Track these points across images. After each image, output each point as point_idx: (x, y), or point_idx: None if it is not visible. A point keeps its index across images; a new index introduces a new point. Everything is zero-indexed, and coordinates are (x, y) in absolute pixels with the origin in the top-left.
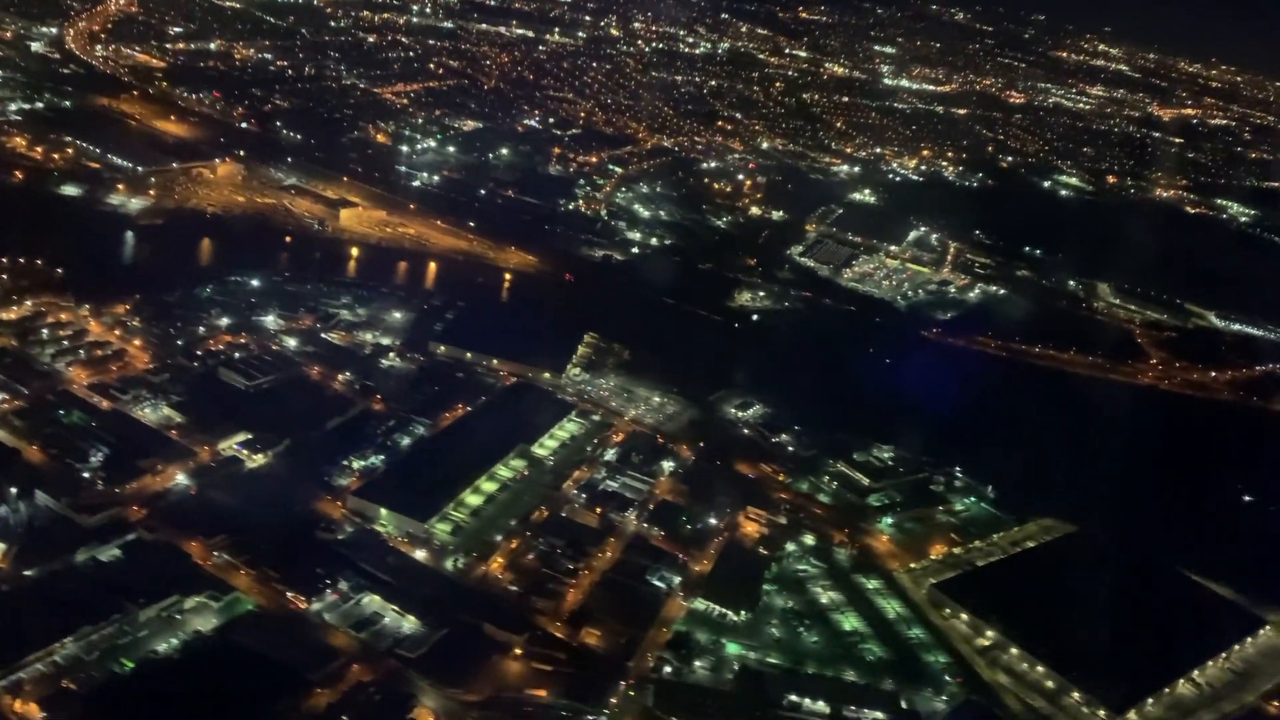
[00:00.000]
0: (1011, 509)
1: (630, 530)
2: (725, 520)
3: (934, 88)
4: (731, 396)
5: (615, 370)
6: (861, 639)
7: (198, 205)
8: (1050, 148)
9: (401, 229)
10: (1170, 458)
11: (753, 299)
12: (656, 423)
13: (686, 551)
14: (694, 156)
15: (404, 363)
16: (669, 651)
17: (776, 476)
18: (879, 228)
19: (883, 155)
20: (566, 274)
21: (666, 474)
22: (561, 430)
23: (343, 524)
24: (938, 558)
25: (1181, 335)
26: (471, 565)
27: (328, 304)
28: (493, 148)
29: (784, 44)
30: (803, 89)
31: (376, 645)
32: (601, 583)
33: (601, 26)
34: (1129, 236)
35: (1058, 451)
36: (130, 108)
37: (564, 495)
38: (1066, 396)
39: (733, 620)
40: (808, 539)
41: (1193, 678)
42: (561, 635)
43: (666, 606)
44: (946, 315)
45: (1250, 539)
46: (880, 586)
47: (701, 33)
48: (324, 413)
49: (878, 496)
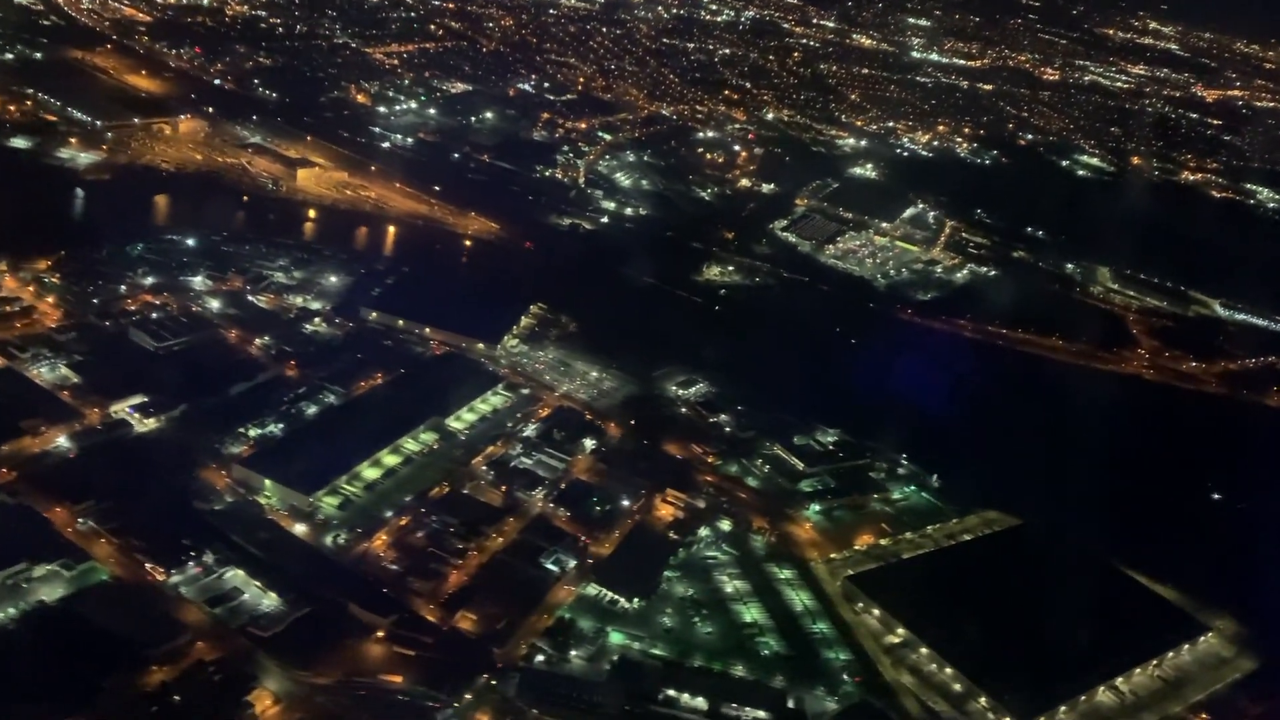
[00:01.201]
0: (954, 500)
1: (535, 510)
2: (639, 502)
3: (964, 62)
4: (676, 374)
5: (557, 343)
6: (760, 631)
7: (151, 162)
8: (1076, 126)
9: (362, 191)
10: (1139, 451)
11: (721, 274)
12: (590, 398)
13: (590, 534)
14: (692, 125)
15: (330, 328)
16: (545, 639)
17: (706, 458)
18: (874, 204)
19: (894, 129)
20: (527, 242)
21: (586, 452)
22: (484, 403)
23: (223, 494)
24: (862, 548)
25: (1179, 324)
26: (353, 542)
27: (263, 265)
28: (477, 111)
29: (813, 14)
30: (822, 60)
31: (229, 622)
32: (490, 564)
33: None
34: (1142, 220)
35: (1016, 441)
36: (104, 61)
37: (471, 471)
38: (1038, 384)
39: (624, 608)
40: (724, 524)
41: (1115, 685)
42: (434, 618)
43: (555, 591)
44: (926, 296)
45: (1210, 539)
46: (792, 577)
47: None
48: (232, 377)
49: (810, 482)
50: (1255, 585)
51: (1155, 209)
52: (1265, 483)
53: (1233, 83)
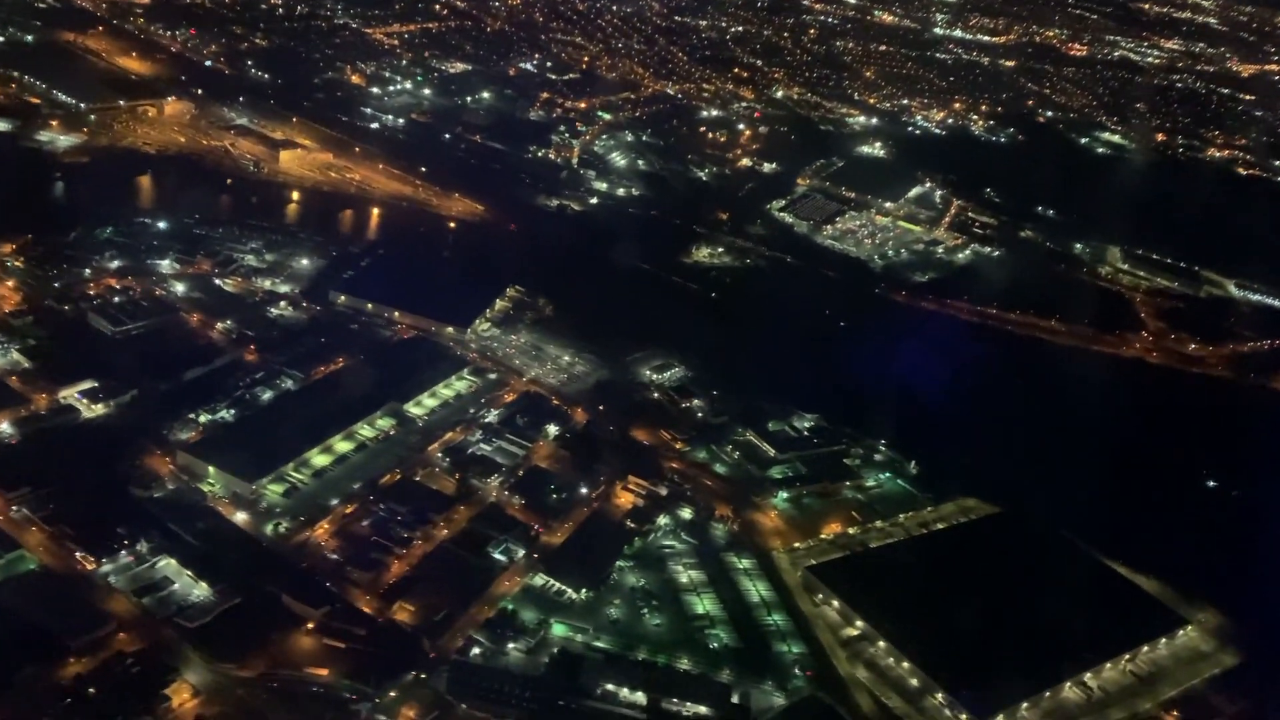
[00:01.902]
0: (933, 487)
1: (489, 498)
2: (598, 490)
3: (989, 38)
4: (651, 358)
5: (531, 326)
6: (711, 624)
7: (132, 144)
8: (1099, 103)
9: (346, 173)
10: (1133, 438)
11: (710, 255)
12: (559, 384)
13: (544, 522)
14: (697, 104)
15: (296, 312)
16: (483, 631)
17: (674, 444)
18: (879, 183)
19: (908, 107)
20: (511, 224)
21: (549, 439)
22: (447, 388)
23: (166, 481)
24: (828, 537)
25: (1189, 305)
26: (294, 531)
27: (234, 248)
28: (474, 91)
29: None
30: (839, 36)
31: (156, 612)
32: (434, 554)
33: None
34: (1161, 198)
35: (1003, 427)
36: (96, 44)
37: (426, 458)
38: (1032, 368)
39: (571, 598)
40: (684, 512)
41: (1084, 681)
42: (370, 610)
43: (500, 582)
44: (925, 277)
45: (1200, 528)
46: (751, 567)
47: None
48: (187, 362)
49: (781, 469)
50: (1242, 576)
51: (1175, 187)
52: (1263, 469)
53: (1270, 57)
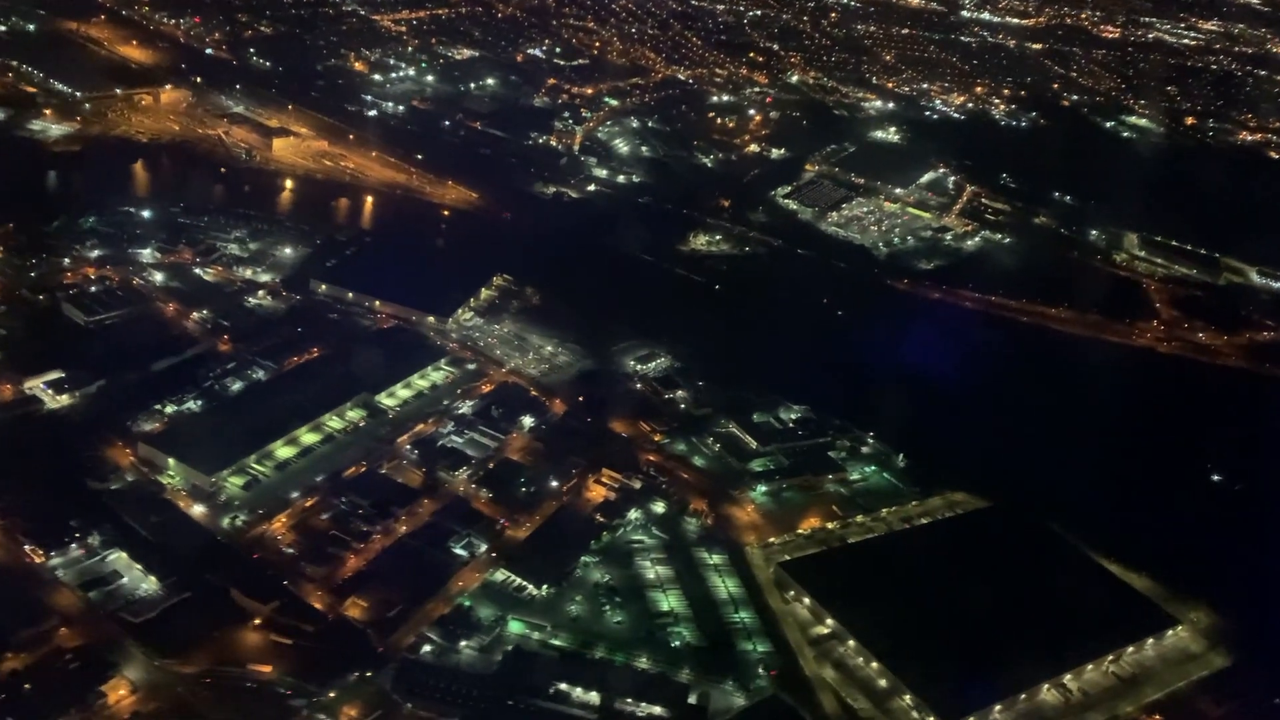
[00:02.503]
0: (921, 481)
1: (455, 491)
2: (569, 483)
3: (1017, 21)
4: (637, 348)
5: (516, 316)
6: (675, 621)
7: (126, 133)
8: (1128, 86)
9: (341, 161)
10: (1136, 430)
11: (708, 243)
12: (539, 374)
13: (511, 517)
14: (708, 90)
15: (275, 301)
16: (436, 628)
17: (653, 436)
18: (891, 168)
19: (927, 91)
20: (504, 212)
21: (524, 430)
22: (422, 379)
23: (125, 473)
24: (805, 532)
25: (1207, 293)
26: (252, 524)
27: (218, 237)
28: (479, 77)
29: None
30: (860, 20)
31: (102, 606)
32: (393, 548)
33: None
34: (1186, 183)
35: (999, 419)
36: (98, 32)
37: (395, 450)
38: (1034, 357)
39: (531, 595)
40: (657, 506)
41: (1063, 683)
42: (321, 605)
43: (460, 577)
44: (930, 265)
45: (1201, 524)
46: (722, 562)
47: None
48: (159, 352)
49: (762, 461)
50: (1240, 574)
51: (1202, 172)
52: (1272, 463)
53: None
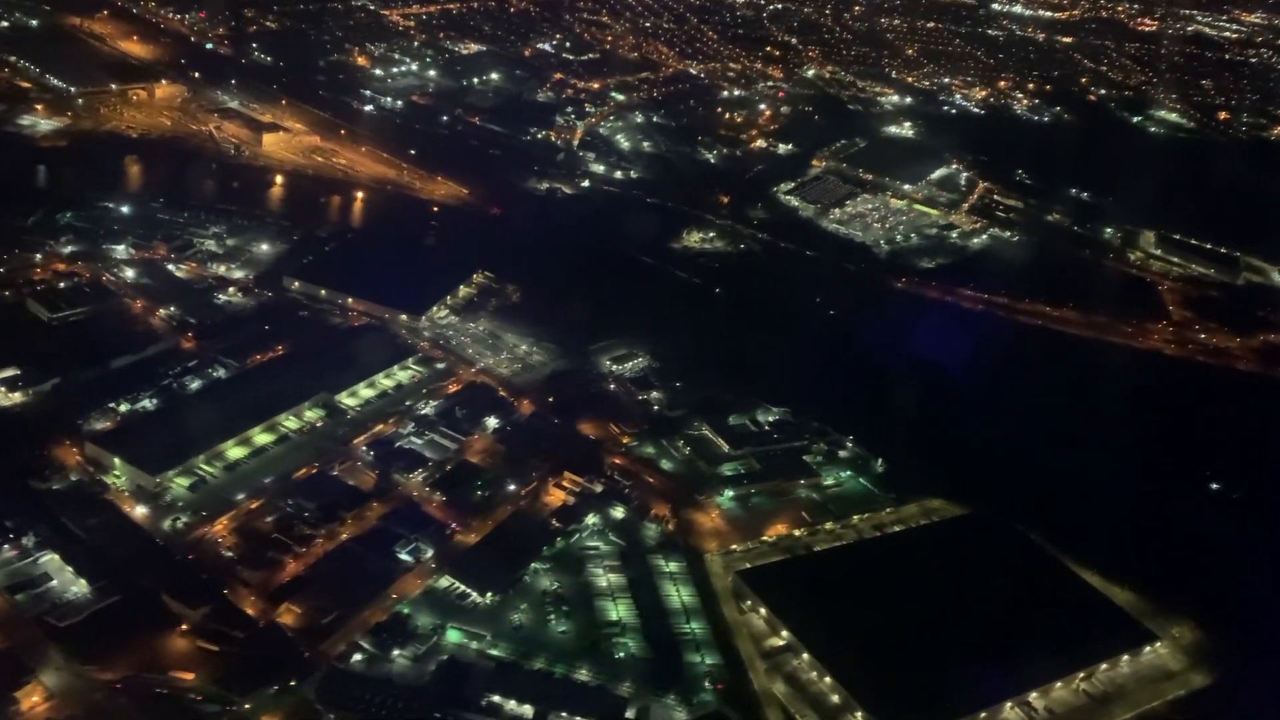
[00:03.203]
0: (899, 487)
1: (410, 494)
2: (528, 487)
3: (1050, 13)
4: (615, 347)
5: (494, 314)
6: (622, 631)
7: (116, 128)
8: (1160, 80)
9: (333, 156)
10: (1134, 434)
11: (701, 240)
12: (511, 374)
13: (463, 521)
14: (720, 84)
15: (245, 298)
16: (370, 636)
17: (621, 438)
18: (902, 164)
19: (948, 85)
20: (495, 207)
21: (487, 432)
22: (387, 378)
23: (70, 473)
24: (770, 540)
25: (1224, 293)
26: (193, 526)
27: (196, 233)
28: (483, 72)
29: None
30: (884, 13)
31: (27, 610)
32: (336, 553)
33: None
34: (1213, 180)
35: (989, 422)
36: (101, 27)
37: (350, 451)
38: (1034, 358)
39: (475, 602)
40: (617, 511)
41: (1028, 701)
42: (254, 611)
43: (402, 583)
44: (932, 263)
45: (1192, 534)
46: (679, 570)
47: None
48: (121, 349)
49: (733, 465)
50: (1229, 588)
51: (1231, 168)
52: (1275, 470)
53: None
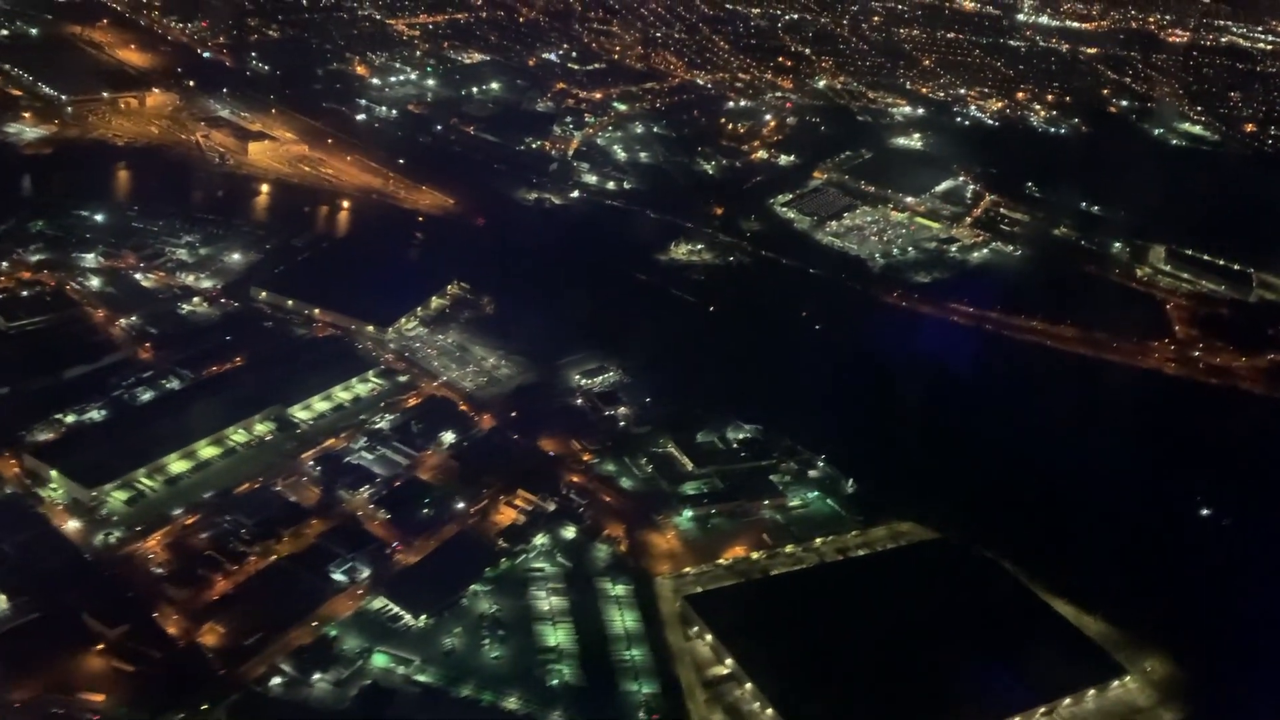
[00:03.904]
0: (869, 509)
1: (353, 511)
2: (479, 505)
3: (1077, 24)
4: (586, 361)
5: (465, 326)
6: (558, 658)
7: (103, 136)
8: (1186, 92)
9: (320, 165)
10: (1126, 456)
11: (689, 252)
12: (475, 387)
13: (406, 540)
14: (727, 95)
15: (210, 308)
16: (292, 659)
17: (582, 455)
18: (907, 176)
19: (964, 96)
20: (479, 218)
21: (443, 447)
22: (345, 391)
23: (5, 485)
24: (725, 562)
25: (1234, 310)
26: (125, 542)
27: (169, 242)
28: (484, 81)
29: None
30: (904, 24)
31: None
32: (268, 571)
33: None
34: (1232, 193)
35: (970, 443)
36: (101, 36)
37: (296, 466)
38: (1023, 377)
39: (407, 625)
40: (567, 531)
41: None
42: (175, 631)
43: (334, 604)
44: (927, 278)
45: (1177, 562)
46: (625, 594)
47: None
48: (77, 359)
49: (696, 485)
50: (1209, 620)
51: (1254, 182)
52: (1271, 497)
53: None
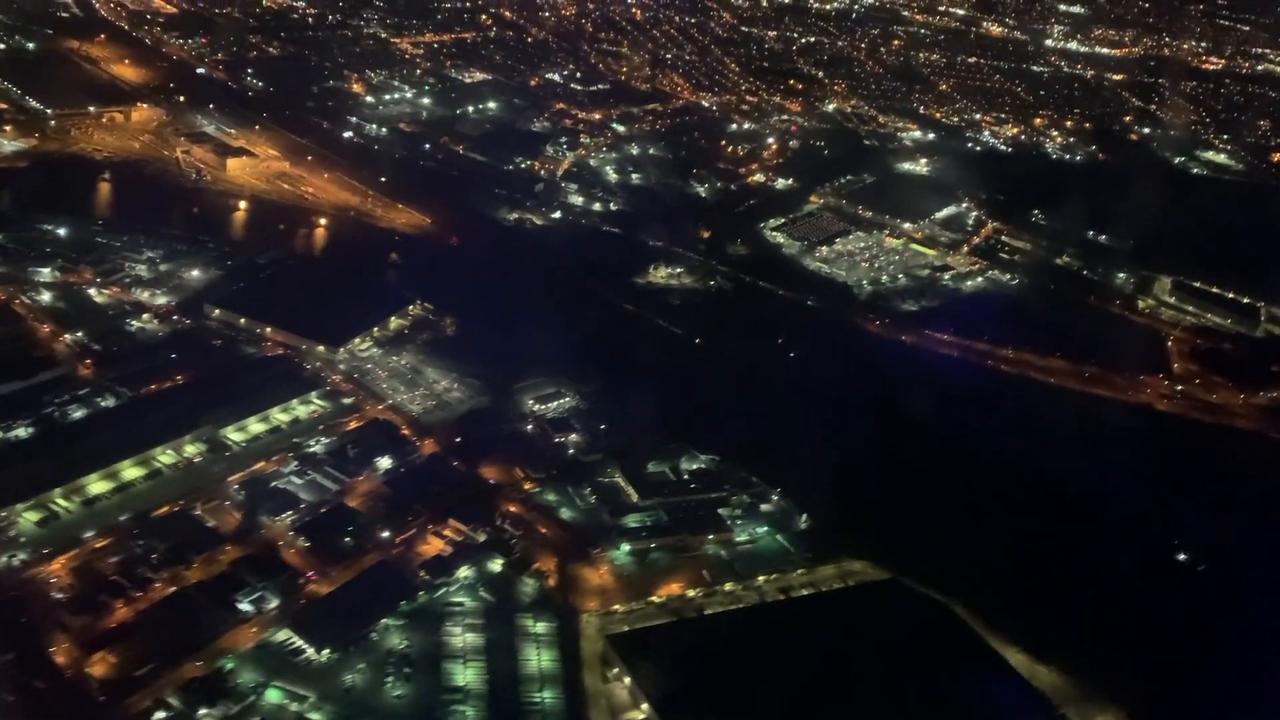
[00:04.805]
0: (822, 547)
1: (273, 538)
2: (406, 534)
3: (1107, 50)
4: (543, 385)
5: (422, 347)
6: (465, 698)
7: (83, 150)
8: (1213, 120)
9: (300, 183)
10: (1104, 498)
11: (667, 276)
12: (422, 411)
13: (323, 569)
14: (731, 117)
15: (160, 325)
16: (179, 693)
17: (524, 484)
18: (907, 202)
19: (979, 122)
20: (453, 237)
21: (378, 473)
22: (284, 413)
23: None
24: (659, 600)
25: (1238, 345)
26: (29, 565)
27: (130, 257)
28: (481, 100)
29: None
30: (926, 48)
31: None
32: (172, 599)
33: None
34: (1250, 224)
35: (936, 478)
36: (99, 51)
37: (220, 489)
38: (1003, 410)
39: (309, 659)
40: (495, 564)
41: None
42: (64, 659)
43: (236, 634)
44: (915, 306)
45: (1145, 610)
46: (546, 632)
47: None
48: (9, 375)
49: (639, 517)
50: (1171, 672)
51: (1275, 213)
52: (1255, 542)
53: None
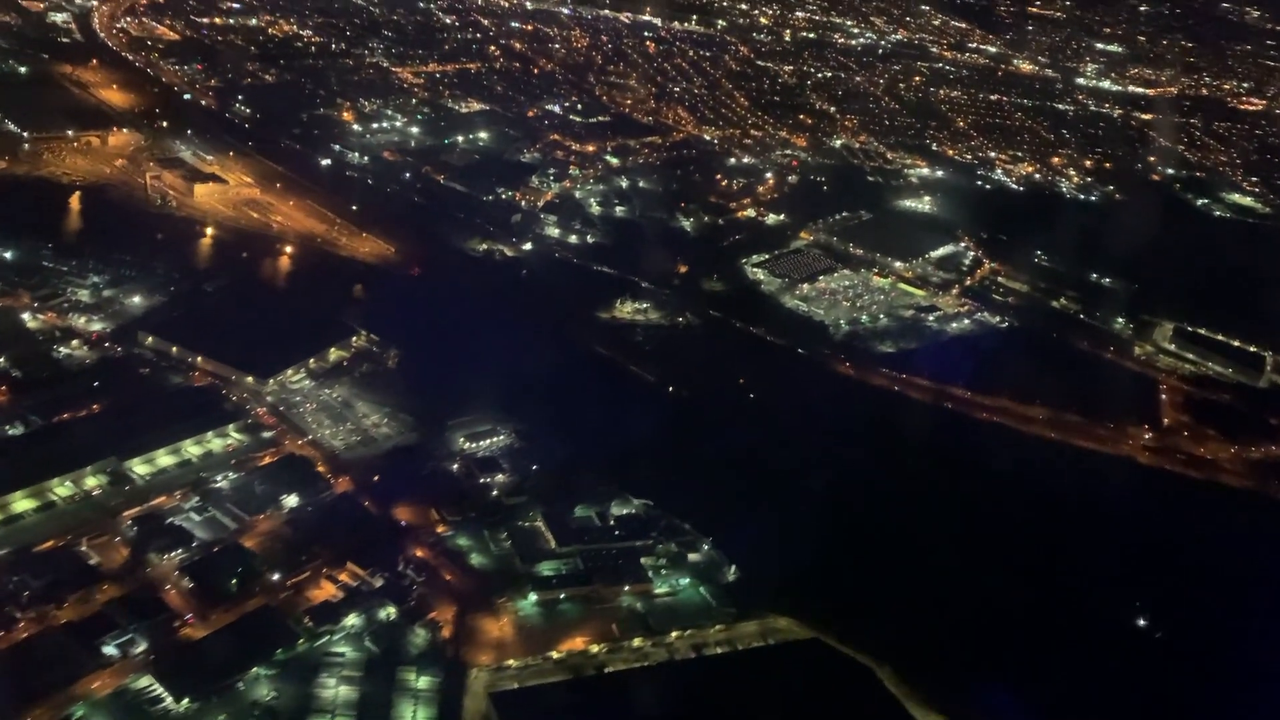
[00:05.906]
0: (746, 600)
1: (156, 577)
2: (298, 577)
3: (1141, 89)
4: (478, 423)
5: (357, 380)
6: None
7: (51, 174)
8: (1243, 161)
9: (269, 210)
10: (1069, 557)
11: (635, 311)
12: (345, 447)
13: (202, 612)
14: (733, 151)
15: (87, 352)
16: None
17: (436, 527)
18: (904, 240)
19: (992, 160)
20: (414, 268)
21: (283, 511)
22: (196, 445)
23: None
24: (559, 655)
25: (1238, 396)
26: None
27: (73, 282)
28: (472, 130)
29: (976, 38)
30: (948, 85)
31: None
32: (33, 640)
33: (751, 15)
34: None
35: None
36: (90, 76)
37: (113, 524)
38: (972, 461)
39: (168, 709)
40: (386, 612)
41: None
42: None
43: (96, 679)
44: (893, 348)
45: (1090, 678)
46: (428, 687)
47: (876, 23)
48: None
49: (554, 564)
50: None
51: None
52: (1221, 608)
53: None
